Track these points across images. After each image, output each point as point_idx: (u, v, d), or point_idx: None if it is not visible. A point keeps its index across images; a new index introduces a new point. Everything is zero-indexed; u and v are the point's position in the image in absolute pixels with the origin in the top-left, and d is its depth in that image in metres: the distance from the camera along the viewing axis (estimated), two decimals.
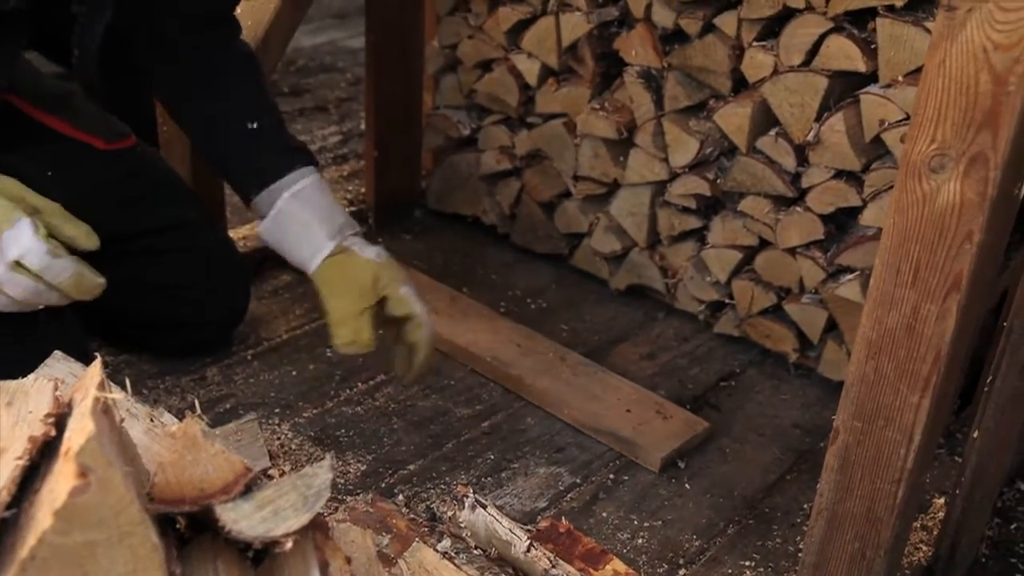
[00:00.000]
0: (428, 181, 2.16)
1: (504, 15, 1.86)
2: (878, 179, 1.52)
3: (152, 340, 1.60)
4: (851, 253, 1.57)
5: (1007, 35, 0.82)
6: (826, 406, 1.66)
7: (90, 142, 1.48)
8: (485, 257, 2.05)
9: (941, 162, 0.88)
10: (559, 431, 1.57)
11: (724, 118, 1.63)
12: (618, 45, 1.75)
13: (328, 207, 1.41)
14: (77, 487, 0.58)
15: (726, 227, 1.72)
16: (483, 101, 1.98)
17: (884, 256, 0.95)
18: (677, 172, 1.72)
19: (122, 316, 1.54)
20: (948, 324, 0.92)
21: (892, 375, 0.98)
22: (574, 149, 1.85)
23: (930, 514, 1.44)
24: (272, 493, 0.73)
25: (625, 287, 1.92)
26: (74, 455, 0.59)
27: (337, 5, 3.51)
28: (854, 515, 1.05)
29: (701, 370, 1.75)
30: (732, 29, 1.59)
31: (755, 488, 1.49)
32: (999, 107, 0.83)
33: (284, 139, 1.46)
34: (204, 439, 0.71)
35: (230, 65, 1.47)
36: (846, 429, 1.03)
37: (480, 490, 1.41)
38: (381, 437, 1.52)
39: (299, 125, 2.59)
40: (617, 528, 1.39)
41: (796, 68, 1.54)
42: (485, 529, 1.26)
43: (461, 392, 1.64)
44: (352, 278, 1.37)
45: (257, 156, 1.42)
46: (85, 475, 0.58)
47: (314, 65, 3.02)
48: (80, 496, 0.58)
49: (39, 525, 0.58)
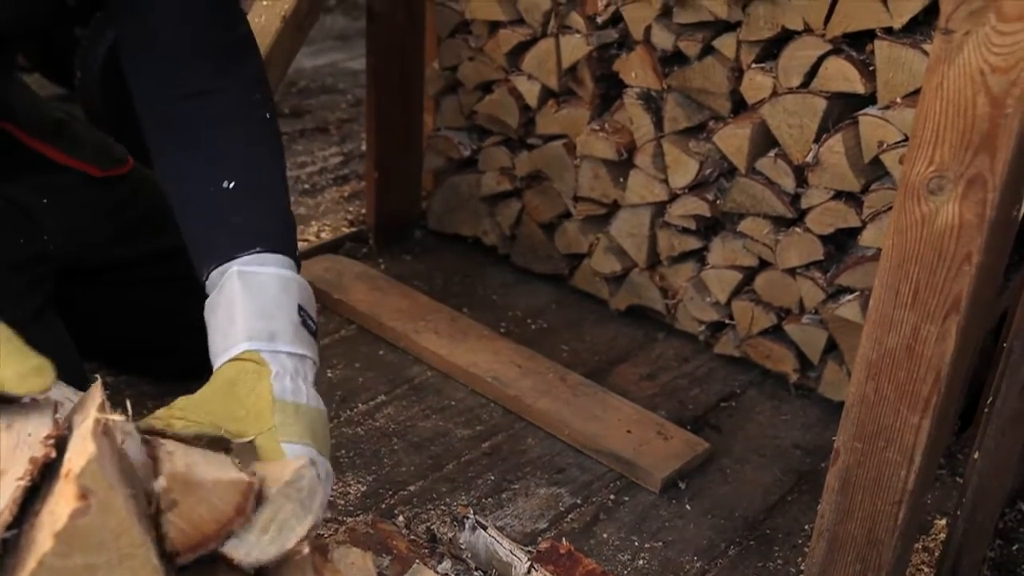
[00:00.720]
0: (429, 202, 2.16)
1: (504, 37, 1.87)
2: (877, 200, 1.52)
3: (152, 365, 1.60)
4: (851, 274, 1.58)
5: (1004, 58, 0.82)
6: (827, 427, 1.66)
7: (85, 170, 1.48)
8: (485, 278, 2.05)
9: (940, 184, 0.89)
10: (559, 452, 1.57)
11: (723, 139, 1.64)
12: (618, 67, 1.76)
13: (270, 306, 1.05)
14: (78, 509, 0.58)
15: (726, 248, 1.72)
16: (483, 122, 1.99)
17: (883, 277, 0.95)
18: (677, 193, 1.73)
19: (120, 342, 1.54)
20: (948, 345, 0.93)
21: (892, 396, 0.98)
22: (574, 170, 1.86)
23: (931, 535, 1.44)
24: (270, 512, 0.73)
25: (625, 307, 1.92)
26: (75, 477, 0.59)
27: (338, 27, 3.54)
28: (855, 536, 1.05)
29: (701, 391, 1.75)
30: (731, 51, 1.60)
31: (756, 509, 1.49)
32: (997, 129, 0.84)
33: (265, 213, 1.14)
34: (194, 473, 0.69)
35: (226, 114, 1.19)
36: (847, 450, 1.03)
37: (480, 511, 1.41)
38: (381, 458, 1.51)
39: (300, 146, 2.60)
40: (618, 549, 1.39)
41: (795, 90, 1.55)
42: (485, 550, 1.26)
43: (461, 413, 1.64)
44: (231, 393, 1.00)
45: (218, 224, 1.12)
46: (86, 497, 0.58)
47: (315, 86, 3.04)
48: (81, 518, 0.58)
49: (39, 547, 0.58)
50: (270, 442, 0.95)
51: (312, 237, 2.11)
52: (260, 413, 0.97)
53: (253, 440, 0.95)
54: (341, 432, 1.56)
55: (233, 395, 0.98)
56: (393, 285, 1.93)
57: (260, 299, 1.05)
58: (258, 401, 0.98)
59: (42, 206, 1.31)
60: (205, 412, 0.96)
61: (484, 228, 2.08)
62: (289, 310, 1.06)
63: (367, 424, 1.58)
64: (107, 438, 0.67)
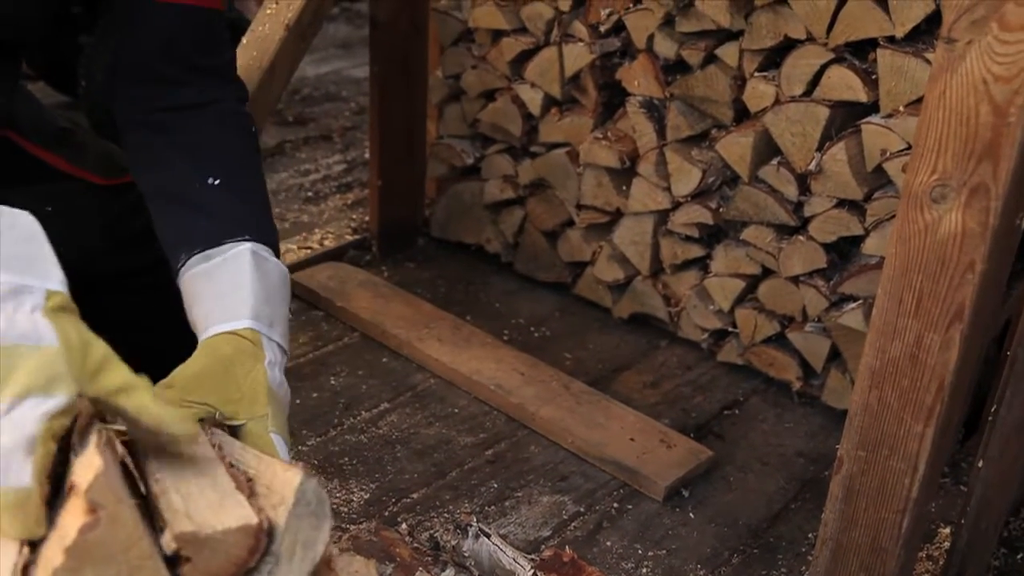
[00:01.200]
0: (432, 210, 2.17)
1: (507, 45, 1.88)
2: (880, 208, 1.52)
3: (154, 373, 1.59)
4: (854, 282, 1.58)
5: (1007, 67, 0.82)
6: (830, 434, 1.66)
7: (89, 178, 1.48)
8: (488, 285, 2.05)
9: (942, 192, 0.89)
10: (563, 460, 1.57)
11: (726, 147, 1.64)
12: (620, 75, 1.76)
13: (275, 294, 1.05)
14: (87, 524, 0.58)
15: (729, 256, 1.72)
16: (486, 130, 2.00)
17: (887, 285, 0.95)
18: (680, 201, 1.73)
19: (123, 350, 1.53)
20: (951, 353, 0.93)
21: (896, 404, 0.98)
22: (577, 178, 1.86)
23: (936, 544, 1.43)
24: (290, 538, 0.73)
25: (628, 315, 1.92)
26: (83, 492, 0.59)
27: (342, 35, 3.54)
28: (859, 545, 1.05)
29: (705, 398, 1.75)
30: (734, 60, 1.61)
31: (760, 517, 1.49)
32: (999, 138, 0.84)
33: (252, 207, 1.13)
34: (203, 530, 0.69)
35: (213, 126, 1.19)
36: (850, 458, 1.03)
37: (484, 519, 1.41)
38: (384, 465, 1.51)
39: (303, 154, 2.60)
40: (621, 557, 1.39)
41: (797, 98, 1.55)
42: (489, 558, 1.26)
43: (464, 420, 1.64)
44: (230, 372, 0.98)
45: (205, 211, 1.10)
46: (95, 511, 0.59)
47: (319, 94, 3.04)
48: (90, 533, 0.58)
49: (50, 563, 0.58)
50: (260, 429, 0.94)
51: (315, 245, 2.11)
52: (255, 398, 0.96)
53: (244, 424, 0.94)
54: (344, 440, 1.56)
55: (230, 375, 0.97)
56: (396, 293, 1.94)
57: (266, 284, 1.04)
58: (253, 385, 0.97)
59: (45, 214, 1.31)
60: (202, 390, 0.95)
61: (487, 236, 2.08)
62: (285, 304, 1.06)
63: (370, 431, 1.58)
64: (110, 450, 0.67)
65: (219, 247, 1.06)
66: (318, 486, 0.74)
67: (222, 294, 1.02)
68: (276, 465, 0.78)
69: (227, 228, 1.08)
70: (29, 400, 0.65)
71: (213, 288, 1.03)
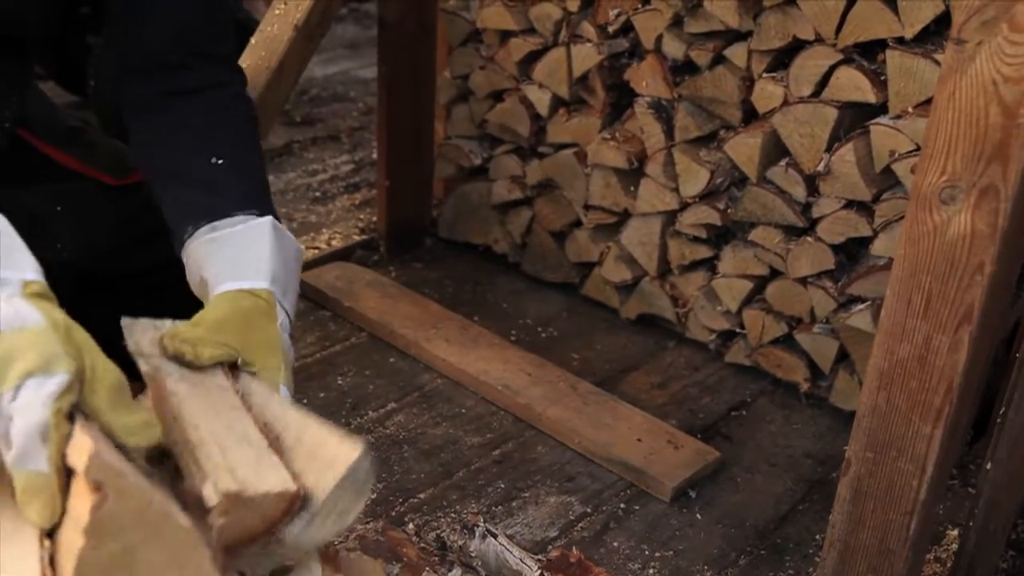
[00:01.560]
0: (439, 210, 2.17)
1: (515, 46, 1.88)
2: (889, 209, 1.52)
3: None
4: (862, 283, 1.57)
5: (1017, 68, 0.82)
6: (838, 436, 1.65)
7: (100, 178, 1.49)
8: (496, 286, 2.05)
9: (952, 194, 0.88)
10: (570, 460, 1.57)
11: (734, 148, 1.64)
12: (629, 76, 1.76)
13: (291, 265, 1.08)
14: (96, 502, 0.60)
15: (737, 257, 1.72)
16: (494, 131, 2.00)
17: (895, 287, 0.95)
18: (687, 202, 1.73)
19: None
20: (960, 355, 0.92)
21: (904, 406, 0.98)
22: (585, 179, 1.86)
23: (944, 546, 1.43)
24: (329, 505, 0.75)
25: (636, 316, 1.92)
26: (83, 474, 0.60)
27: (350, 36, 3.55)
28: (867, 546, 1.05)
29: (712, 399, 1.75)
30: (742, 60, 1.61)
31: (767, 518, 1.49)
32: (1009, 139, 0.84)
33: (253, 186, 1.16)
34: (246, 490, 0.70)
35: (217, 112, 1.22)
36: (858, 460, 1.03)
37: (491, 519, 1.41)
38: (392, 465, 1.51)
39: (311, 154, 2.61)
40: (628, 558, 1.39)
41: (806, 99, 1.55)
42: (496, 558, 1.26)
43: (471, 420, 1.64)
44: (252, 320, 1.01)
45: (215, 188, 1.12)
46: (100, 489, 0.60)
47: (327, 95, 3.05)
48: (101, 509, 0.60)
49: (72, 547, 0.60)
50: (274, 380, 0.97)
51: (323, 245, 2.12)
52: (271, 350, 0.99)
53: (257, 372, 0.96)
54: None
55: (250, 326, 1.00)
56: (404, 293, 1.94)
57: (284, 254, 1.07)
58: (269, 339, 1.00)
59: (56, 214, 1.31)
60: (224, 334, 0.97)
61: (495, 236, 2.08)
62: (297, 279, 1.09)
63: (377, 431, 1.59)
64: (92, 425, 0.67)
65: (227, 219, 1.08)
66: (371, 465, 0.77)
67: (239, 255, 1.05)
68: (331, 435, 0.81)
69: (234, 204, 1.10)
70: (31, 381, 0.64)
71: (230, 250, 1.06)
